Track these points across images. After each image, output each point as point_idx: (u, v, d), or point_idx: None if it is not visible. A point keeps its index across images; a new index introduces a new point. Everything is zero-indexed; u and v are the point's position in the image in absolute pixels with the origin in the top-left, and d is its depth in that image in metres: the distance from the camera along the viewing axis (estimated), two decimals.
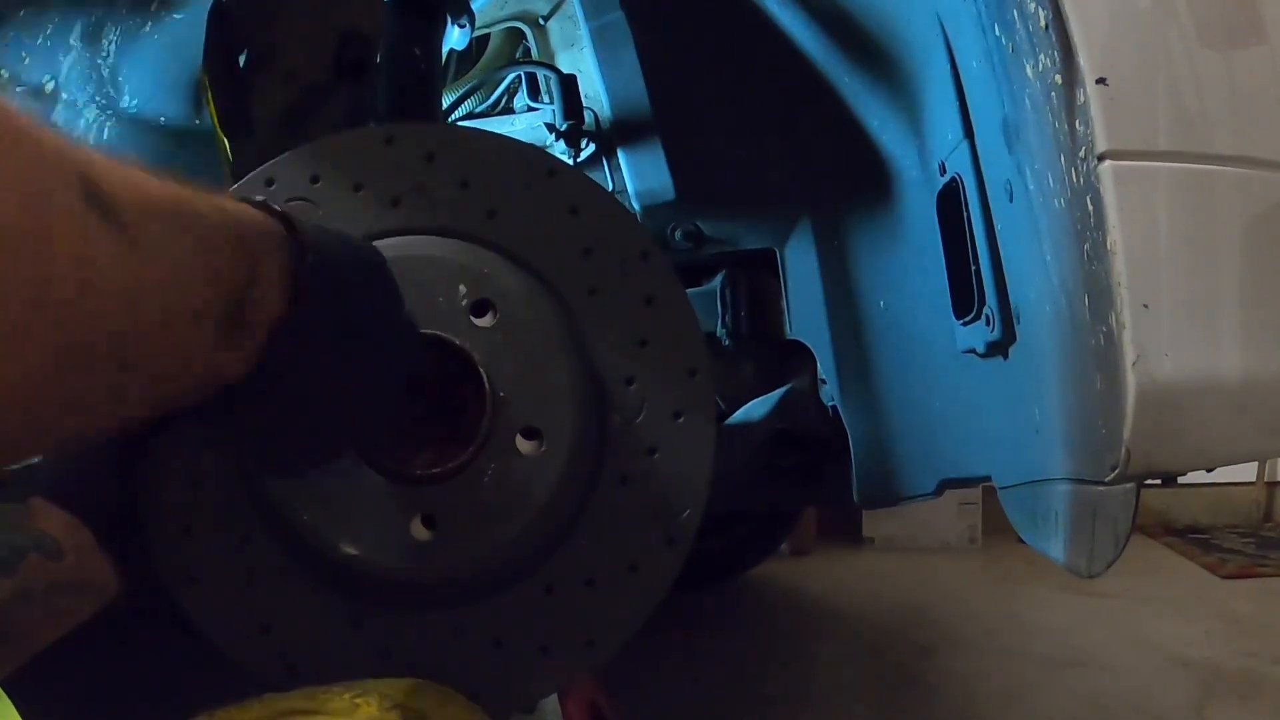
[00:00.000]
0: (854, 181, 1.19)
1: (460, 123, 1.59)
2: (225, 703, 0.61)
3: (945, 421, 1.12)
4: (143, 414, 0.47)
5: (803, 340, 1.27)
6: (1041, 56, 0.72)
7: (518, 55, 1.60)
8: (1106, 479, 0.72)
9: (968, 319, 0.96)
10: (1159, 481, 0.75)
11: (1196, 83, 0.71)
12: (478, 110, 1.62)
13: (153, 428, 0.74)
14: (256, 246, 0.56)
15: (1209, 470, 0.75)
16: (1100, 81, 0.69)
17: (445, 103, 1.50)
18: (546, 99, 1.51)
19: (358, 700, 0.61)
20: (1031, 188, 0.78)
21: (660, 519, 0.83)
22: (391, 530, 0.77)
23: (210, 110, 1.00)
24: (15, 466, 0.72)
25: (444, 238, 0.83)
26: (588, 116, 1.44)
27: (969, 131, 0.91)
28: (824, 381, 1.28)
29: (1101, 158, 0.68)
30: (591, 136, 1.45)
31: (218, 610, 0.81)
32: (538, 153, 0.90)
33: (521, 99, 1.58)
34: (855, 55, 1.12)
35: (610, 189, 1.47)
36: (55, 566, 0.69)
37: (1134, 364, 0.68)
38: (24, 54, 1.14)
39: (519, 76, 1.55)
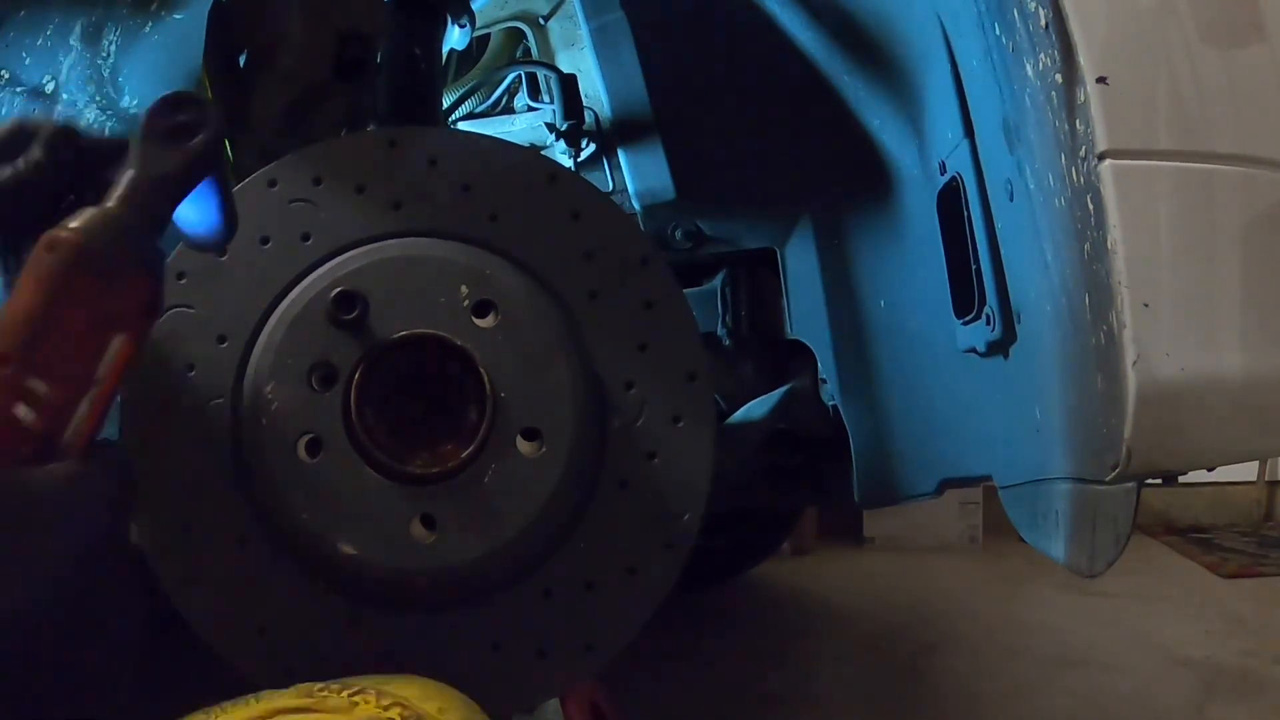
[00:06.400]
0: (854, 181, 1.19)
1: (460, 122, 1.59)
2: (222, 700, 0.61)
3: (946, 421, 1.12)
4: None
5: (803, 340, 1.27)
6: (1042, 55, 0.72)
7: (518, 55, 1.60)
8: (1107, 478, 0.72)
9: (968, 318, 0.96)
10: (1160, 480, 0.75)
11: (1197, 82, 0.71)
12: (478, 110, 1.62)
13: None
14: None
15: (1209, 469, 0.75)
16: (1101, 80, 0.69)
17: (446, 102, 1.50)
18: (547, 99, 1.51)
19: (356, 698, 0.61)
20: (1032, 187, 0.78)
21: (659, 523, 0.83)
22: (391, 530, 0.77)
23: None
24: None
25: (446, 240, 0.83)
26: (588, 116, 1.44)
27: (969, 131, 0.91)
28: (824, 381, 1.28)
29: (1102, 157, 0.68)
30: (592, 136, 1.45)
31: (214, 611, 0.80)
32: (539, 158, 0.90)
33: (522, 99, 1.57)
34: (855, 55, 1.12)
35: (610, 188, 1.47)
36: None
37: (1134, 363, 0.67)
38: (24, 54, 1.14)
39: (519, 76, 1.55)
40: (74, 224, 0.52)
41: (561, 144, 1.44)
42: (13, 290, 0.50)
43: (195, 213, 0.59)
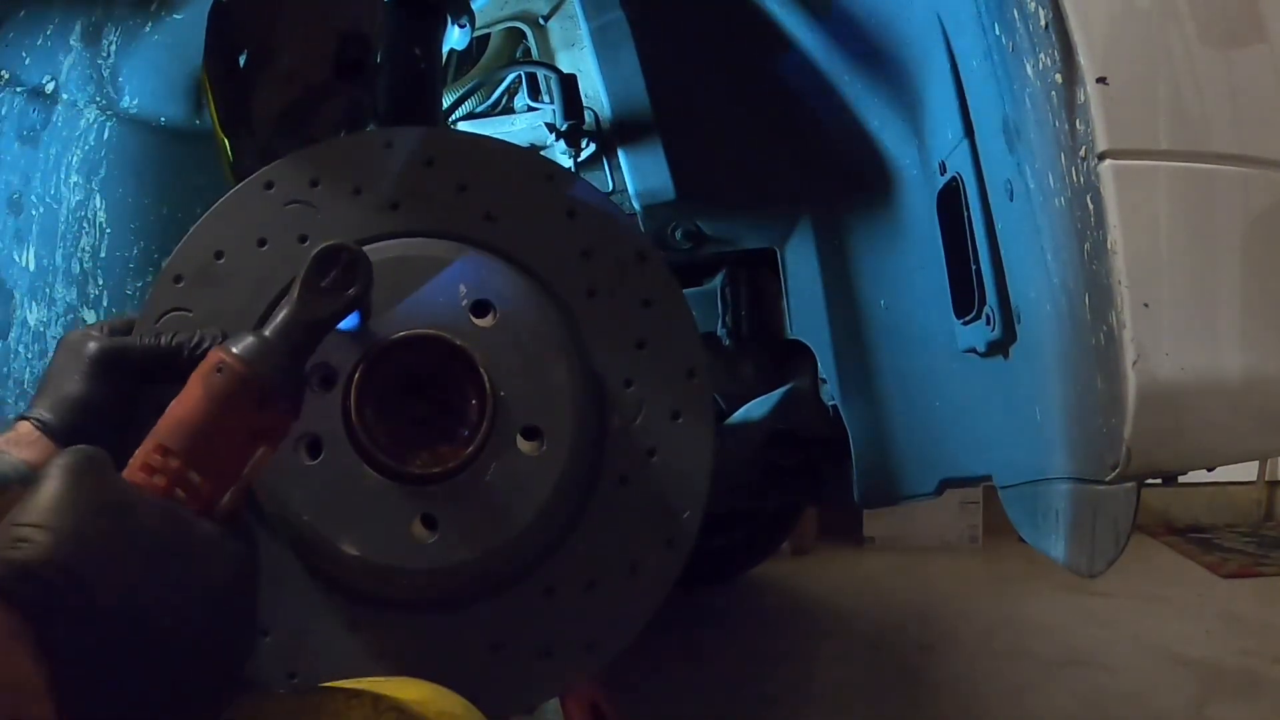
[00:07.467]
0: (854, 181, 1.19)
1: (460, 122, 1.59)
2: None
3: (946, 421, 1.12)
4: None
5: (803, 340, 1.27)
6: (1042, 55, 0.72)
7: (518, 55, 1.60)
8: (1107, 478, 0.72)
9: (968, 318, 0.96)
10: (1160, 480, 0.75)
11: (1197, 82, 0.71)
12: (478, 110, 1.62)
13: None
14: None
15: (1209, 469, 0.75)
16: (1101, 80, 0.69)
17: (445, 103, 1.50)
18: (546, 99, 1.51)
19: (353, 701, 0.61)
20: (1032, 187, 0.78)
21: (660, 520, 0.83)
22: (391, 530, 0.77)
23: (210, 110, 1.00)
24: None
25: (444, 240, 0.83)
26: (588, 116, 1.44)
27: (969, 131, 0.91)
28: (824, 381, 1.28)
29: (1102, 157, 0.68)
30: (592, 136, 1.45)
31: None
32: (536, 157, 0.90)
33: (521, 99, 1.57)
34: (855, 55, 1.12)
35: (610, 188, 1.47)
36: None
37: (1134, 363, 0.68)
38: (24, 54, 1.14)
39: (519, 76, 1.55)
40: (236, 350, 0.62)
41: (561, 144, 1.44)
42: (181, 393, 0.61)
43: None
